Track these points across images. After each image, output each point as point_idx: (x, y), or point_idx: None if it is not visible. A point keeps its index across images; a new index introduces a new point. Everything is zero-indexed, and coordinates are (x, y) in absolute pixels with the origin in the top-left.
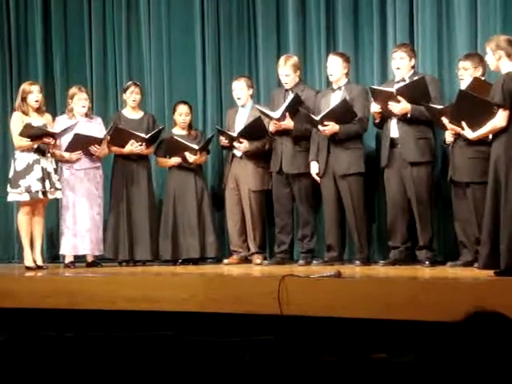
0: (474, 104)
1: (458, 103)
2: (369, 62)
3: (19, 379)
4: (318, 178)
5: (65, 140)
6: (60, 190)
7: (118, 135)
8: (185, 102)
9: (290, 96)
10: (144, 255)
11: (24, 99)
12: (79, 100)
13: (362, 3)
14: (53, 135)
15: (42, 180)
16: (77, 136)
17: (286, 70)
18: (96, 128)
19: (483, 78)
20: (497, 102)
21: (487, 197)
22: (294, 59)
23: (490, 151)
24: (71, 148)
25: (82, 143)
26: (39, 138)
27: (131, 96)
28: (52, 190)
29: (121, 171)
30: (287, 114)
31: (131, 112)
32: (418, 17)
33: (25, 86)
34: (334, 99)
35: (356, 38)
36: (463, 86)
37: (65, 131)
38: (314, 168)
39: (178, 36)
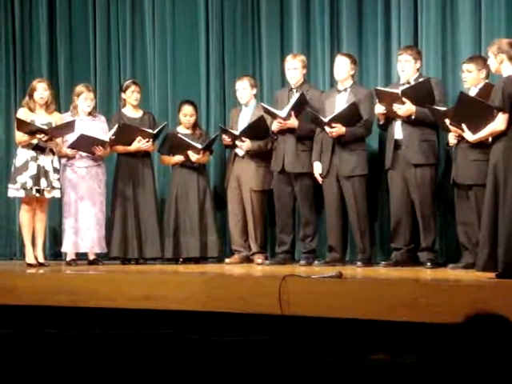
0: (474, 107)
1: (458, 106)
2: (373, 64)
3: (20, 375)
4: (320, 179)
5: (70, 139)
6: (58, 189)
7: (125, 132)
8: (190, 102)
9: (296, 95)
10: (154, 253)
11: (31, 96)
12: (85, 99)
13: (367, 5)
14: (45, 131)
15: (37, 178)
16: (82, 136)
17: (295, 64)
18: (99, 126)
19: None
20: (496, 105)
21: (485, 199)
22: (303, 56)
23: (490, 154)
24: (74, 147)
25: (86, 143)
26: (34, 134)
27: (132, 95)
28: (49, 188)
29: (126, 169)
30: (292, 113)
31: (132, 111)
32: (423, 19)
33: (33, 83)
34: (339, 101)
35: (360, 39)
36: (472, 90)
37: (59, 128)
38: (318, 168)
39: (182, 35)
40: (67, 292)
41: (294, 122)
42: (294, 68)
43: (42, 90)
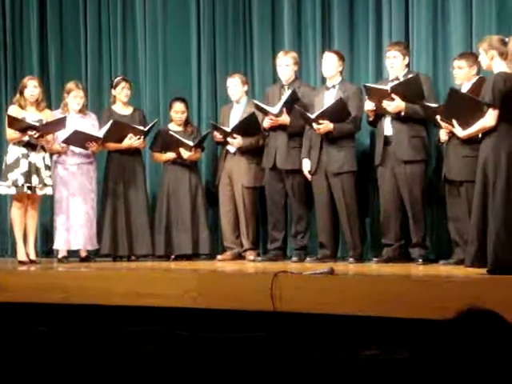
0: (464, 103)
1: (448, 102)
2: (364, 59)
3: (11, 373)
4: (309, 176)
5: (61, 136)
6: (50, 186)
7: (116, 129)
8: (181, 100)
9: (288, 92)
10: (144, 250)
11: (21, 93)
12: (75, 97)
13: (358, 1)
14: (36, 128)
15: (28, 175)
16: (76, 132)
17: (287, 60)
18: (89, 123)
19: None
20: (487, 101)
21: (475, 195)
22: (294, 53)
23: (479, 150)
24: (68, 142)
25: (79, 139)
26: (25, 131)
27: (123, 92)
28: (40, 185)
29: (116, 166)
30: (284, 109)
31: (122, 108)
32: (414, 15)
33: (23, 80)
34: (328, 97)
35: (351, 35)
36: (465, 85)
37: (50, 124)
38: (306, 165)
39: (174, 32)
40: (59, 289)
41: (285, 119)
42: (286, 65)
43: (32, 87)
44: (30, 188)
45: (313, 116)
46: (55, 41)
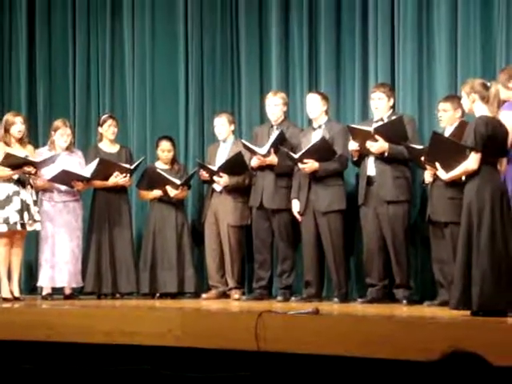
0: (447, 146)
1: (431, 145)
2: (350, 99)
3: None
4: (299, 217)
5: (46, 172)
6: (39, 221)
7: (103, 167)
8: (168, 138)
9: (276, 132)
10: (129, 287)
11: (7, 130)
12: (62, 135)
13: (345, 42)
14: (34, 164)
15: (21, 212)
16: (64, 171)
17: (276, 100)
18: (76, 161)
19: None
20: (469, 145)
21: (460, 238)
22: (283, 94)
23: (464, 194)
24: (55, 180)
25: (66, 178)
26: (20, 168)
27: (109, 129)
28: (30, 221)
29: (102, 204)
30: (272, 150)
31: (109, 146)
32: (400, 57)
33: (8, 117)
34: (315, 137)
35: (338, 76)
36: (448, 129)
37: (45, 161)
38: (296, 206)
39: (162, 70)
40: (43, 326)
41: (273, 159)
42: (275, 105)
43: (19, 123)
44: (21, 225)
45: (296, 156)
46: (43, 78)
